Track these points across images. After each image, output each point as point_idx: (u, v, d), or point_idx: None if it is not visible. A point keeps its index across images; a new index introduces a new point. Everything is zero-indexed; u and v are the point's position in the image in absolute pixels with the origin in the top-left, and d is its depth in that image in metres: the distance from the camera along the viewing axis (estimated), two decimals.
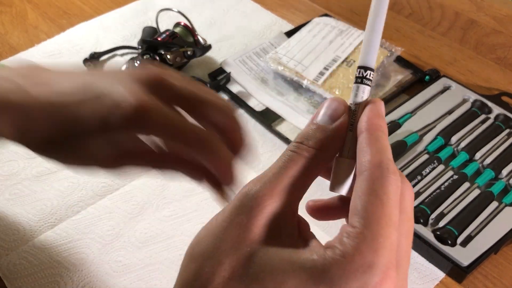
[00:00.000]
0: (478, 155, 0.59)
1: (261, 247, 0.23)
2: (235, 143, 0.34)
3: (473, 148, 0.60)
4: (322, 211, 0.31)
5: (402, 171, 0.57)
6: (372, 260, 0.22)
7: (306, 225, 0.26)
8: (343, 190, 0.26)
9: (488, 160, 0.59)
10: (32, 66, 0.36)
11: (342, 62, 0.70)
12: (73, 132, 0.33)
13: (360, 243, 0.22)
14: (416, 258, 0.52)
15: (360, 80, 0.28)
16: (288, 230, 0.24)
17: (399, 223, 0.24)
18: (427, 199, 0.54)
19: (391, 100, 0.68)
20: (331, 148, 0.26)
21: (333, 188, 0.27)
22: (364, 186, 0.23)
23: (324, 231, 0.54)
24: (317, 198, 0.32)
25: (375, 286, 0.22)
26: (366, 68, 0.27)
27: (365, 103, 0.27)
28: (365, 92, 0.27)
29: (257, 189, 0.24)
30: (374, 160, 0.24)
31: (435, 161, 0.58)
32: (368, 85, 0.27)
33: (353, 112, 0.27)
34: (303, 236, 0.25)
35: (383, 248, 0.22)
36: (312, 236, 0.25)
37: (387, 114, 0.64)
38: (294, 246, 0.23)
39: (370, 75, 0.27)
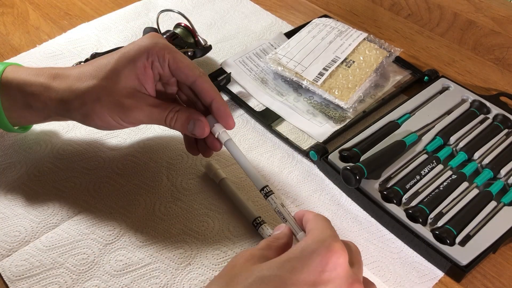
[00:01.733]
0: (476, 155, 0.60)
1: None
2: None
3: (471, 148, 0.60)
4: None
5: (401, 171, 0.57)
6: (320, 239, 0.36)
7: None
8: None
9: (486, 160, 0.59)
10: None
11: (342, 62, 0.70)
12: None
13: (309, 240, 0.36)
14: (415, 257, 0.52)
15: (268, 194, 0.46)
16: None
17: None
18: (426, 199, 0.55)
19: (390, 100, 0.69)
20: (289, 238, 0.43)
21: None
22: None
23: None
24: (318, 197, 0.51)
25: (332, 249, 0.34)
26: (263, 188, 0.47)
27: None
28: (277, 199, 0.46)
29: (250, 252, 0.39)
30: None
31: (434, 161, 0.58)
32: (272, 193, 0.46)
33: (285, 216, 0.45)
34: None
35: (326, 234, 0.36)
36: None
37: (387, 114, 0.64)
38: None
39: (267, 188, 0.46)
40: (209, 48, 0.73)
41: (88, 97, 0.48)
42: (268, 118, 0.66)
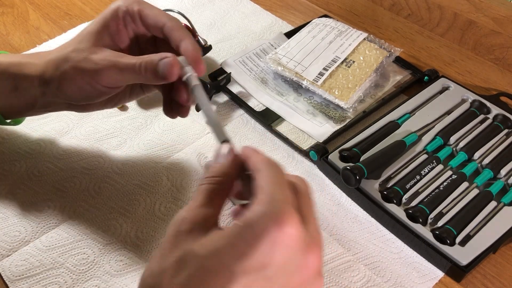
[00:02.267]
0: (477, 155, 0.60)
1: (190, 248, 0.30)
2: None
3: (472, 148, 0.60)
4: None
5: (401, 171, 0.57)
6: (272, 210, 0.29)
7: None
8: None
9: (486, 160, 0.59)
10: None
11: (342, 62, 0.70)
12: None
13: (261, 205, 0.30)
14: (415, 257, 0.52)
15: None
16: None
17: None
18: (426, 199, 0.55)
19: (390, 100, 0.69)
20: (232, 175, 0.36)
21: None
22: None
23: (324, 230, 0.54)
24: (318, 197, 0.41)
25: (280, 223, 0.29)
26: (223, 141, 0.39)
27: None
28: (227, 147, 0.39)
29: (178, 216, 0.33)
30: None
31: (434, 161, 0.58)
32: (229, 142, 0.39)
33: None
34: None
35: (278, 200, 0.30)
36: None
37: (387, 114, 0.64)
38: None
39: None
40: (209, 48, 0.73)
41: (62, 63, 0.47)
42: (268, 118, 0.66)
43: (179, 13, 0.72)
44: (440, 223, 0.53)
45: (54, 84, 0.48)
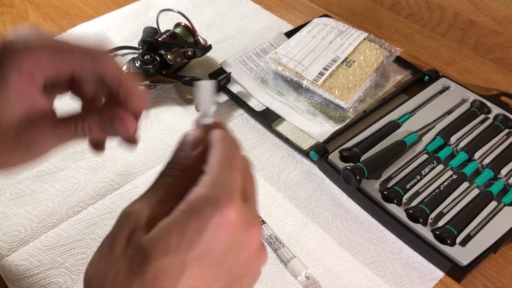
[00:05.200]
0: (477, 155, 0.60)
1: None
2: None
3: (472, 148, 0.60)
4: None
5: (401, 171, 0.57)
6: (215, 193, 0.29)
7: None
8: None
9: (487, 160, 0.59)
10: None
11: (342, 62, 0.70)
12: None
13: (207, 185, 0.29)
14: (416, 258, 0.52)
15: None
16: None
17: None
18: (427, 199, 0.55)
19: (391, 100, 0.69)
20: (194, 169, 0.32)
21: None
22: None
23: (324, 230, 0.54)
24: (318, 197, 0.40)
25: (222, 208, 0.28)
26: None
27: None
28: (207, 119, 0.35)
29: (133, 209, 0.30)
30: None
31: (434, 161, 0.58)
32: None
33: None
34: None
35: (224, 184, 0.30)
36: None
37: (387, 114, 0.64)
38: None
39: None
40: (209, 47, 0.73)
41: None
42: (268, 118, 0.66)
43: (179, 12, 0.72)
44: (440, 223, 0.52)
45: None
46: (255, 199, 0.33)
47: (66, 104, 0.38)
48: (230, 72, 0.71)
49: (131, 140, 0.39)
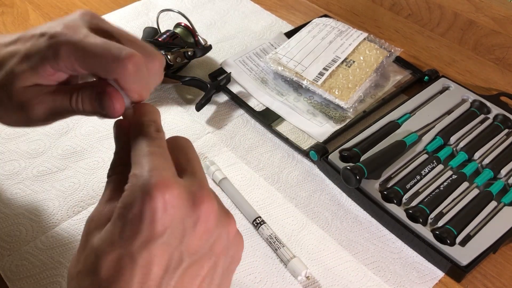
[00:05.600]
0: (477, 155, 0.60)
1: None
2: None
3: (472, 148, 0.60)
4: None
5: (401, 171, 0.57)
6: (146, 179, 0.29)
7: None
8: None
9: (487, 160, 0.59)
10: None
11: (342, 62, 0.70)
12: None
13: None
14: (415, 257, 0.52)
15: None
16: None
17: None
18: (426, 199, 0.55)
19: (390, 100, 0.69)
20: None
21: None
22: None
23: (324, 230, 0.54)
24: (318, 197, 0.39)
25: (152, 193, 0.29)
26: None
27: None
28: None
29: (91, 215, 0.33)
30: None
31: (434, 161, 0.58)
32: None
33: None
34: None
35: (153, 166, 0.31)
36: None
37: (387, 114, 0.64)
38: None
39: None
40: (209, 48, 0.73)
41: None
42: (268, 118, 0.66)
43: (179, 12, 0.72)
44: (440, 223, 0.53)
45: None
46: (200, 174, 0.33)
47: None
48: (230, 72, 0.71)
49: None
